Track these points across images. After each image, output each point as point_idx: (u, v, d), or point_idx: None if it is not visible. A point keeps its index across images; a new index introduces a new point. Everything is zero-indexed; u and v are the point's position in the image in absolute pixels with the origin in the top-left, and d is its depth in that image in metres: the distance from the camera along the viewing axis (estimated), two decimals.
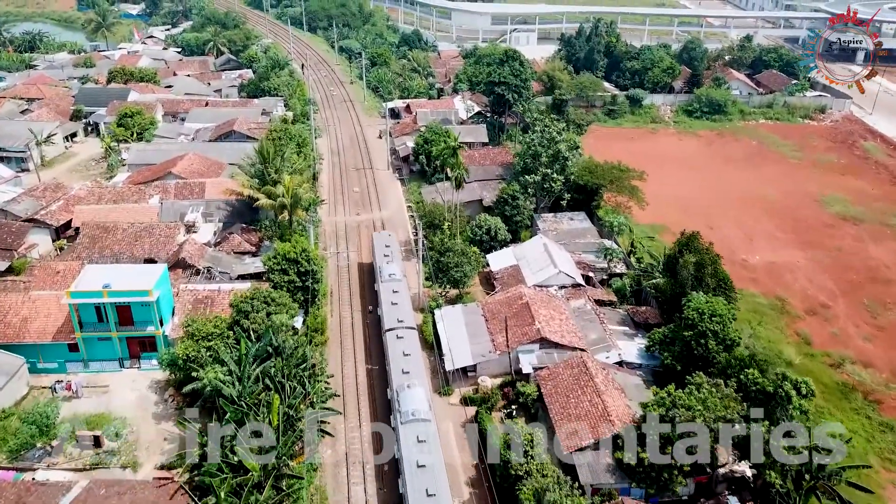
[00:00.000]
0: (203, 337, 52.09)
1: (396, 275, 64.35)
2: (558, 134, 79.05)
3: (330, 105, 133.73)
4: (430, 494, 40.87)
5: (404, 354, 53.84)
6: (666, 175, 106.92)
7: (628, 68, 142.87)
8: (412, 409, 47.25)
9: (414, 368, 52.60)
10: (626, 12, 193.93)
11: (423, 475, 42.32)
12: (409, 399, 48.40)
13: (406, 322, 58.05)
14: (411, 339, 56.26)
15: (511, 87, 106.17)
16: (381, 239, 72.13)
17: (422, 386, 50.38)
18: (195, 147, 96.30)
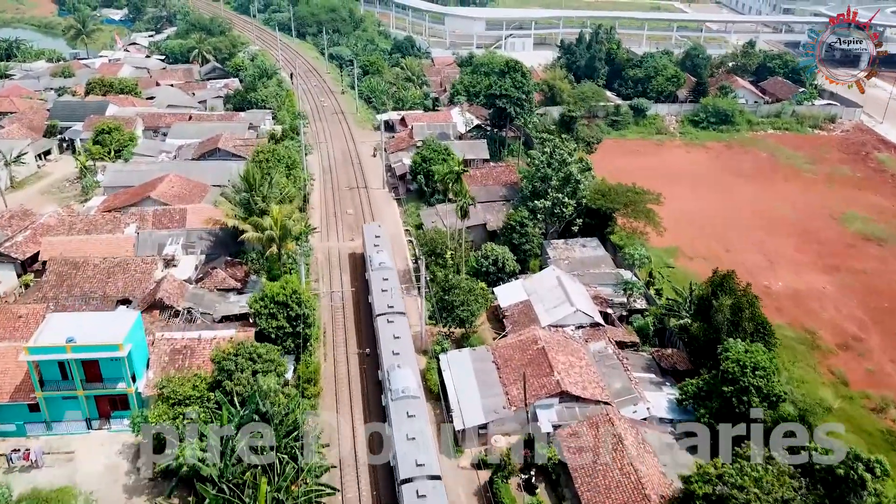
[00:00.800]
0: (179, 401, 45.40)
1: (386, 263, 66.05)
2: (569, 155, 72.77)
3: (320, 117, 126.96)
4: (419, 464, 43.23)
5: (394, 337, 55.91)
6: (676, 191, 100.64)
7: (631, 76, 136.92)
8: (402, 386, 49.54)
9: (403, 350, 54.66)
10: (624, 17, 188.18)
11: (413, 446, 44.67)
12: (398, 378, 50.58)
13: (396, 308, 59.69)
14: (401, 323, 58.14)
15: (513, 100, 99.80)
16: (371, 230, 74.11)
17: (411, 366, 52.56)
18: (176, 167, 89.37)
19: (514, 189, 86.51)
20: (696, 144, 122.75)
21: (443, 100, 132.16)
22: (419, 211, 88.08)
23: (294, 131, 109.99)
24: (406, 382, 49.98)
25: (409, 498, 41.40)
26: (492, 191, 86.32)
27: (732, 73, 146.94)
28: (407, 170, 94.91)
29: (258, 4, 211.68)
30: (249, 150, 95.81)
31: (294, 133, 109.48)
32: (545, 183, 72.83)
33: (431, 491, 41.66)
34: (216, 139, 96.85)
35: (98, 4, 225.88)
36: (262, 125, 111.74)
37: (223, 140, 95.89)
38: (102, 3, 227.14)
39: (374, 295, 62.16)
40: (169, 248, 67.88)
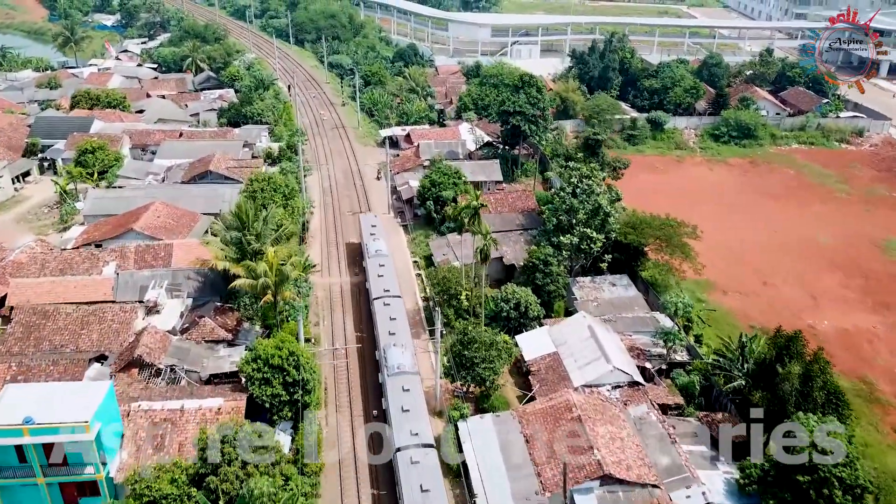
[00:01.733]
0: (154, 500, 37.74)
1: (382, 250, 68.93)
2: (597, 185, 65.20)
3: (320, 132, 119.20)
4: (413, 434, 45.61)
5: (391, 319, 57.98)
6: (702, 214, 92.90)
7: (646, 87, 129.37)
8: (398, 363, 51.89)
9: (399, 330, 56.66)
10: (634, 23, 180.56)
11: (407, 417, 46.95)
12: (394, 355, 52.69)
13: (392, 292, 62.13)
14: (397, 305, 60.37)
15: (527, 117, 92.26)
16: (367, 220, 77.12)
17: (406, 345, 54.51)
18: (164, 192, 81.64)
19: (531, 216, 78.95)
20: (719, 161, 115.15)
21: (449, 112, 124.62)
22: (428, 240, 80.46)
23: (292, 149, 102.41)
24: (401, 360, 52.32)
25: (403, 464, 44.01)
26: (507, 219, 78.67)
27: (751, 83, 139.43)
28: (414, 194, 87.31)
29: (255, 10, 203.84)
30: (243, 173, 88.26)
31: (292, 151, 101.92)
32: (570, 215, 65.21)
33: (424, 458, 44.29)
34: (208, 160, 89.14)
35: (90, 10, 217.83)
36: (257, 142, 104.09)
37: (215, 161, 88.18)
38: (94, 9, 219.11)
39: (371, 280, 64.74)
40: (151, 293, 60.15)
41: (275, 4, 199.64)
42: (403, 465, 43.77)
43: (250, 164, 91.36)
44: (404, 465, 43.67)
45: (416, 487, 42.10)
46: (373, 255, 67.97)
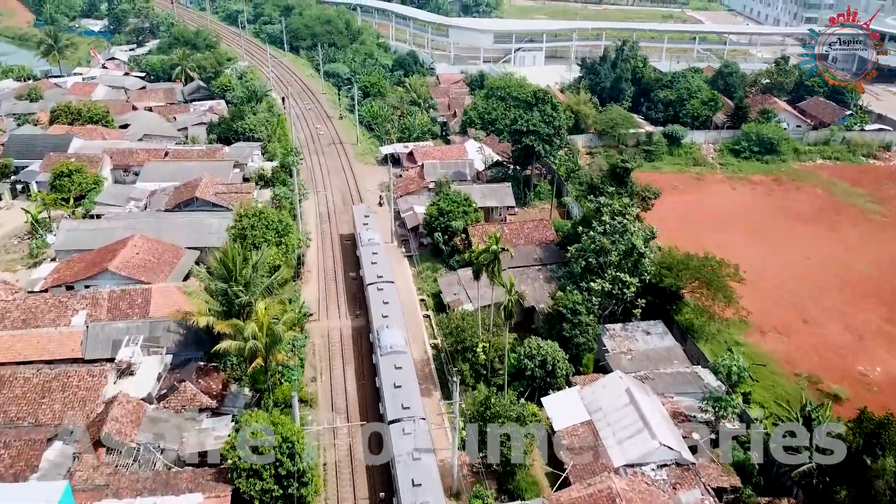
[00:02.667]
0: None
1: (375, 239, 70.85)
2: (632, 223, 57.54)
3: (316, 148, 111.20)
4: (405, 407, 47.24)
5: (384, 303, 59.62)
6: (728, 240, 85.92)
7: (661, 99, 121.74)
8: (390, 343, 53.26)
9: (392, 314, 58.16)
10: (642, 29, 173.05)
11: (399, 393, 48.51)
12: (387, 336, 54.14)
13: (385, 277, 63.78)
14: (390, 290, 62.07)
15: (542, 136, 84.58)
16: (360, 210, 79.54)
17: (398, 327, 55.98)
18: (145, 222, 73.58)
19: (550, 249, 71.25)
20: (741, 178, 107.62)
21: (453, 126, 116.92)
22: (436, 274, 72.73)
23: (286, 169, 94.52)
24: (394, 340, 53.87)
25: (396, 435, 45.65)
26: (524, 252, 70.88)
27: (767, 93, 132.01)
28: (419, 222, 79.52)
29: (248, 15, 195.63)
30: (233, 199, 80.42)
31: (286, 172, 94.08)
32: (601, 256, 57.50)
33: (416, 429, 45.90)
34: (194, 185, 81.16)
35: (77, 14, 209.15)
36: (249, 161, 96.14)
37: (202, 186, 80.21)
38: (82, 13, 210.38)
39: (365, 267, 66.52)
40: (125, 351, 52.21)
41: (268, 10, 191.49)
42: (396, 435, 45.69)
43: (241, 190, 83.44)
44: (397, 436, 45.60)
45: (409, 456, 43.84)
46: (366, 244, 70.17)
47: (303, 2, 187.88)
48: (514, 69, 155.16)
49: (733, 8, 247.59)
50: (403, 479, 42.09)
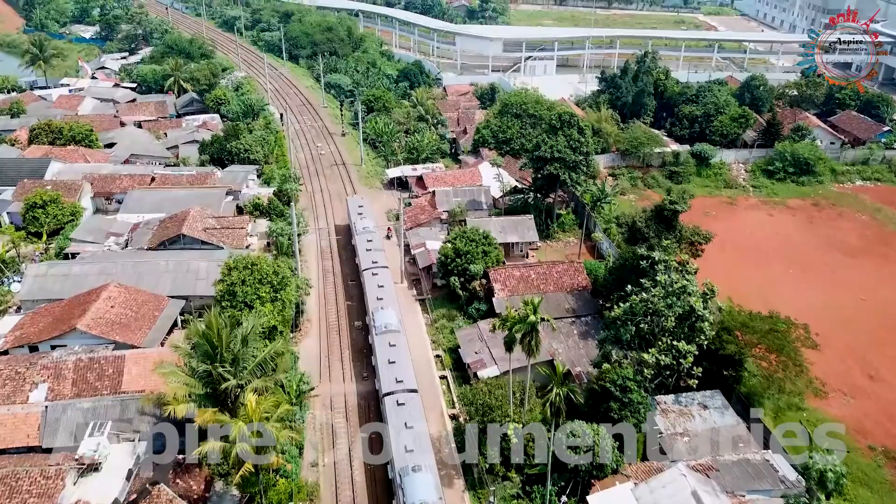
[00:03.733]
0: None
1: (370, 227, 73.57)
2: (692, 283, 48.59)
3: (317, 170, 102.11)
4: (398, 381, 49.88)
5: (378, 286, 61.82)
6: (772, 278, 77.48)
7: (686, 115, 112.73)
8: (384, 323, 56.14)
9: (386, 296, 60.47)
10: (658, 36, 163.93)
11: (393, 368, 51.24)
12: (381, 316, 57.17)
13: (379, 263, 65.75)
14: (384, 274, 64.23)
15: (568, 164, 75.63)
16: (354, 201, 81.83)
17: (392, 307, 58.43)
18: (123, 266, 64.47)
19: (583, 297, 62.36)
20: (777, 203, 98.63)
21: (464, 144, 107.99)
22: (453, 324, 63.74)
23: (284, 196, 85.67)
24: (388, 319, 56.34)
25: (390, 406, 47.54)
26: (553, 301, 61.91)
27: (796, 107, 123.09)
28: (433, 261, 70.57)
29: (245, 21, 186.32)
30: (224, 235, 71.58)
31: (284, 200, 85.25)
32: (654, 322, 48.54)
33: (409, 400, 47.76)
34: (181, 218, 72.19)
35: (68, 20, 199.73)
36: (244, 187, 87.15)
37: (190, 221, 71.24)
38: (73, 19, 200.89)
39: (360, 255, 68.91)
40: (89, 442, 42.98)
41: (266, 16, 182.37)
42: (390, 406, 47.75)
43: (233, 224, 74.45)
44: (391, 407, 47.67)
45: (402, 424, 45.86)
46: (360, 232, 72.67)
47: (302, 8, 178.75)
48: (525, 79, 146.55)
49: (746, 13, 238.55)
50: (397, 445, 44.45)
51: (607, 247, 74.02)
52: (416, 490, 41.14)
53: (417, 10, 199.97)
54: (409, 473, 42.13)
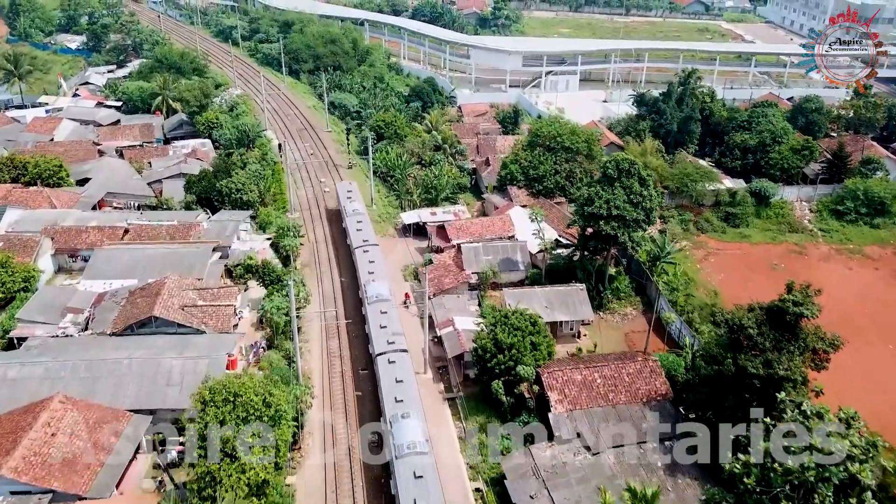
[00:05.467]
0: None
1: (359, 209, 76.08)
2: (851, 441, 34.18)
3: (321, 213, 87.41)
4: (389, 342, 52.73)
5: (369, 262, 65.16)
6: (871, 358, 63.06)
7: (738, 144, 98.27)
8: (376, 293, 59.23)
9: (377, 270, 63.68)
10: (691, 49, 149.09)
11: (385, 332, 53.99)
12: (373, 288, 60.08)
13: (370, 241, 69.31)
14: (374, 251, 67.58)
15: (628, 222, 61.16)
16: (343, 186, 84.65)
17: (382, 280, 61.72)
18: (75, 370, 50.00)
19: (664, 410, 47.98)
20: (853, 252, 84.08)
21: (487, 178, 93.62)
22: (496, 441, 49.20)
23: (282, 253, 71.43)
24: (379, 291, 59.69)
25: (382, 365, 50.55)
26: (626, 417, 47.40)
27: (854, 132, 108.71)
28: (465, 348, 56.14)
29: (243, 30, 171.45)
30: (207, 315, 57.14)
31: (282, 257, 71.02)
32: (800, 490, 34.00)
33: (399, 359, 50.89)
34: (154, 292, 57.70)
35: (54, 29, 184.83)
36: (234, 240, 72.67)
37: (164, 298, 56.72)
38: (59, 28, 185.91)
39: (352, 234, 71.68)
40: None
41: (265, 25, 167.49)
42: (382, 365, 50.67)
43: (218, 298, 59.89)
44: (383, 365, 50.56)
45: (392, 380, 48.55)
46: (350, 214, 75.15)
47: (304, 17, 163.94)
48: (548, 96, 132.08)
49: (771, 20, 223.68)
50: (388, 398, 46.78)
51: (681, 329, 59.58)
52: (405, 433, 44.22)
53: (426, 17, 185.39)
54: (398, 420, 45.28)
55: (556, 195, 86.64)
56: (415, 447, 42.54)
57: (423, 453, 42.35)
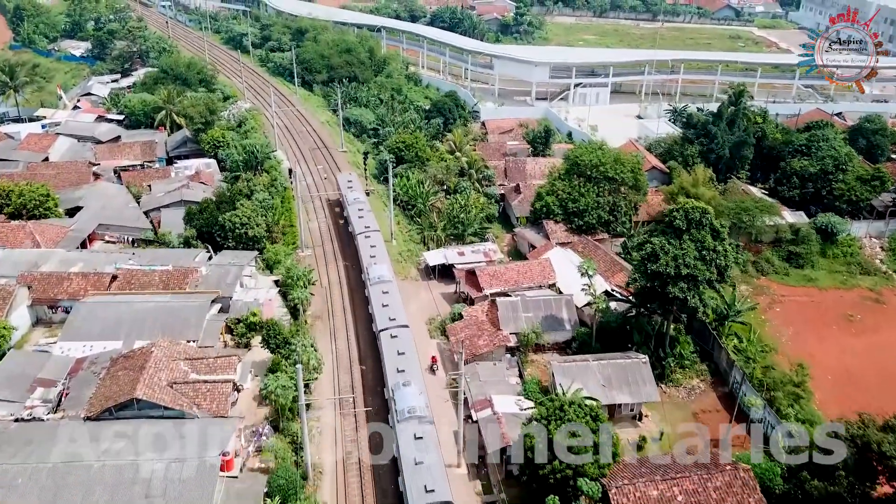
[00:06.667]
0: None
1: (360, 198, 78.91)
2: None
3: (335, 250, 77.51)
4: (391, 319, 55.60)
5: (371, 246, 68.32)
6: None
7: (796, 171, 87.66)
8: (378, 275, 62.35)
9: (378, 253, 66.98)
10: (729, 60, 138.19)
11: (387, 310, 57.11)
12: (375, 270, 63.27)
13: (371, 227, 72.12)
14: (376, 237, 70.50)
15: (699, 282, 50.95)
16: (343, 177, 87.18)
17: (385, 262, 65.33)
18: (36, 473, 40.52)
19: None
20: None
21: (518, 207, 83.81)
22: None
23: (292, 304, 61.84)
24: (381, 272, 62.73)
25: (385, 340, 53.45)
26: None
27: None
28: (507, 441, 46.19)
29: (254, 37, 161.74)
30: (200, 396, 47.50)
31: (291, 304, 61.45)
32: None
33: (401, 334, 53.74)
34: (139, 366, 48.05)
35: (59, 35, 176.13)
36: (236, 288, 62.99)
37: (150, 373, 47.08)
38: (64, 34, 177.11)
39: (354, 220, 74.37)
40: None
41: (277, 33, 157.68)
42: (385, 339, 53.53)
43: (213, 370, 50.13)
44: (386, 340, 53.42)
45: (395, 352, 51.28)
46: (351, 203, 78.07)
47: (317, 24, 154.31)
48: (579, 112, 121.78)
49: (804, 26, 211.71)
50: (390, 369, 49.75)
51: (767, 419, 49.12)
52: (406, 399, 46.07)
53: (445, 24, 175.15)
54: (400, 388, 47.17)
55: (599, 231, 76.67)
56: (415, 411, 45.70)
57: (422, 417, 45.46)
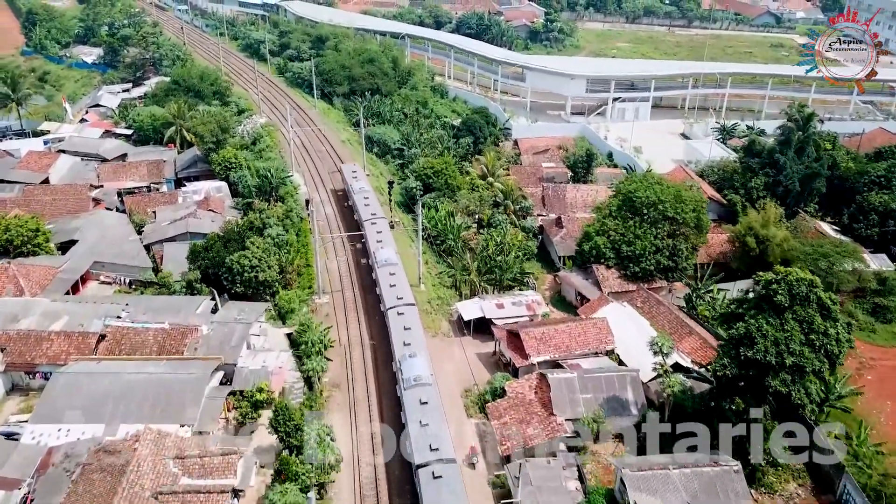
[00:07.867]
0: None
1: (365, 188, 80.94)
2: None
3: (355, 297, 67.90)
4: (399, 298, 57.83)
5: (377, 232, 70.25)
6: None
7: (874, 205, 77.01)
8: (385, 258, 64.18)
9: (384, 238, 69.12)
10: (780, 74, 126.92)
11: (393, 290, 59.12)
12: (382, 253, 65.28)
13: (377, 214, 74.22)
14: (382, 223, 72.58)
15: (805, 372, 40.87)
16: (348, 168, 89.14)
17: (391, 246, 67.28)
18: None
19: None
20: None
21: (560, 244, 74.16)
22: None
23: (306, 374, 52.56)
24: (387, 255, 64.76)
25: (392, 316, 55.85)
26: None
27: None
28: None
29: (272, 45, 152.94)
30: None
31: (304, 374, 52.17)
32: None
33: (407, 311, 56.31)
34: (118, 470, 39.03)
35: (71, 40, 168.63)
36: (242, 351, 53.74)
37: (128, 488, 38.05)
38: (77, 39, 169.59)
39: (360, 209, 76.19)
40: None
41: (296, 41, 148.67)
42: (392, 317, 55.90)
43: (210, 470, 40.84)
44: (393, 317, 55.81)
45: (401, 328, 53.90)
46: (357, 192, 79.99)
47: (338, 31, 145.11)
48: (620, 130, 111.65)
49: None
50: (398, 343, 52.32)
51: None
52: (412, 369, 48.65)
53: (471, 30, 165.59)
54: (406, 359, 49.84)
55: (657, 278, 66.67)
56: (420, 380, 47.59)
57: (427, 384, 47.40)
